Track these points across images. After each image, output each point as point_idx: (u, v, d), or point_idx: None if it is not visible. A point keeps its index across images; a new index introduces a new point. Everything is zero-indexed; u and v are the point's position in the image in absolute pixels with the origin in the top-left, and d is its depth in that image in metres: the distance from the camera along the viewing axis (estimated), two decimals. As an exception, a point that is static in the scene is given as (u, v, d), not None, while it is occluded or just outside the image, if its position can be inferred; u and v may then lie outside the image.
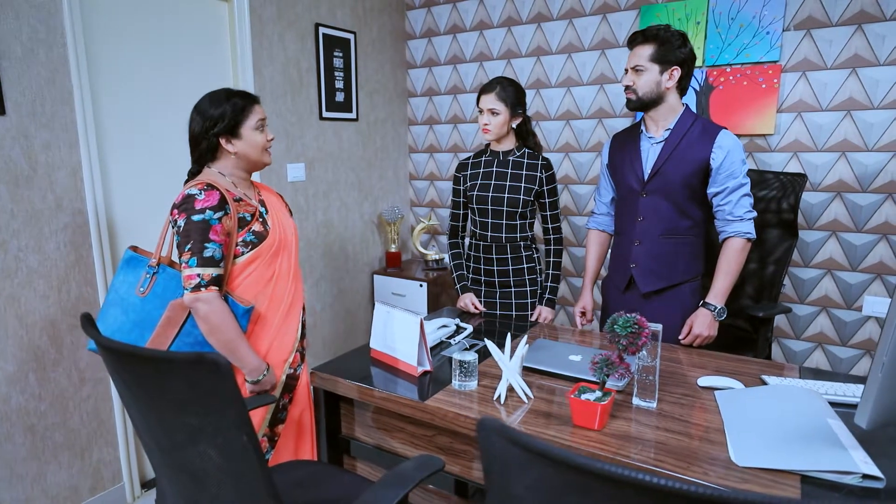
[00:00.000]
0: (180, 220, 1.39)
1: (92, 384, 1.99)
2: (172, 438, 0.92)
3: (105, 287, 1.98)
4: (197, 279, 1.37)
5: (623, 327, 1.19)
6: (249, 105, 1.49)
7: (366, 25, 3.11)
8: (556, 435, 1.18)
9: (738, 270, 1.70)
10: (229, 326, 1.39)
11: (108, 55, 1.98)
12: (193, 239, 1.37)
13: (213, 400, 0.81)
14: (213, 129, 1.45)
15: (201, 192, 1.40)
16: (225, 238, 1.42)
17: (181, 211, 1.39)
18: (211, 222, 1.39)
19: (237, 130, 1.47)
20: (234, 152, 1.49)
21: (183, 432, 0.89)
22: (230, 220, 1.43)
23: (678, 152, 1.68)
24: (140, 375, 0.88)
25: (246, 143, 1.49)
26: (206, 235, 1.38)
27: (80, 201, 1.90)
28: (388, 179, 3.41)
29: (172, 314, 1.42)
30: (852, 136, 2.35)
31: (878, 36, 2.25)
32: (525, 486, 0.64)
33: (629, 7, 2.73)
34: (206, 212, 1.39)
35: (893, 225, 2.32)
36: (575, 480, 0.58)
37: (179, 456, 0.93)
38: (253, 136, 1.50)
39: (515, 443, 0.61)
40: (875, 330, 2.42)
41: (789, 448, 1.07)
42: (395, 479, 1.05)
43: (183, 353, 0.78)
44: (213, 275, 1.38)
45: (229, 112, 1.45)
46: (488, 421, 0.64)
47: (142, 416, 0.96)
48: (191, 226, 1.38)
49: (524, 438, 0.59)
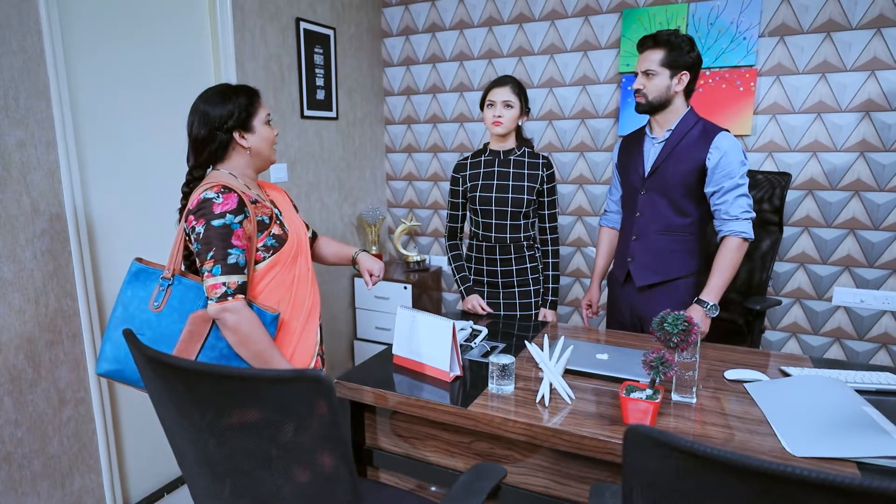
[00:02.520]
0: (199, 226, 1.29)
1: (73, 405, 1.81)
2: (238, 463, 0.85)
3: (86, 298, 1.81)
4: (223, 288, 1.27)
5: (673, 325, 1.20)
6: (256, 98, 1.42)
7: (344, 22, 3.02)
8: (611, 434, 1.17)
9: (733, 269, 1.72)
10: (260, 336, 1.30)
11: (86, 45, 1.82)
12: (216, 246, 1.28)
13: (308, 418, 0.75)
14: (227, 124, 1.36)
15: (219, 196, 1.30)
16: (246, 243, 1.33)
17: (199, 217, 1.29)
18: (232, 227, 1.29)
19: (249, 124, 1.39)
20: (248, 147, 1.40)
21: (256, 456, 0.82)
22: (250, 223, 1.34)
23: (677, 152, 1.73)
24: (207, 397, 0.80)
25: (259, 138, 1.41)
26: (228, 241, 1.28)
27: (58, 205, 1.73)
28: (366, 180, 3.33)
29: (194, 327, 1.31)
30: (822, 137, 2.50)
31: (846, 43, 2.40)
32: (681, 492, 0.62)
33: (611, 10, 2.79)
34: (227, 216, 1.29)
35: (860, 220, 2.49)
36: (756, 486, 0.56)
37: (244, 482, 0.85)
38: (264, 130, 1.42)
39: (679, 449, 0.59)
40: (844, 319, 2.58)
41: (839, 436, 1.11)
42: (465, 493, 1.02)
43: (280, 371, 0.71)
44: (238, 282, 1.29)
45: (243, 104, 1.37)
46: (641, 428, 0.62)
47: (194, 442, 0.87)
48: (211, 232, 1.28)
49: (700, 446, 0.57)
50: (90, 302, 1.83)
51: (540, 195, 2.00)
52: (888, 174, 2.42)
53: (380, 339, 3.24)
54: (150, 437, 2.12)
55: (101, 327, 1.90)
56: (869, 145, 2.43)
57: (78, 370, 1.82)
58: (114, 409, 1.97)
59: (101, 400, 1.88)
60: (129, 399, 2.03)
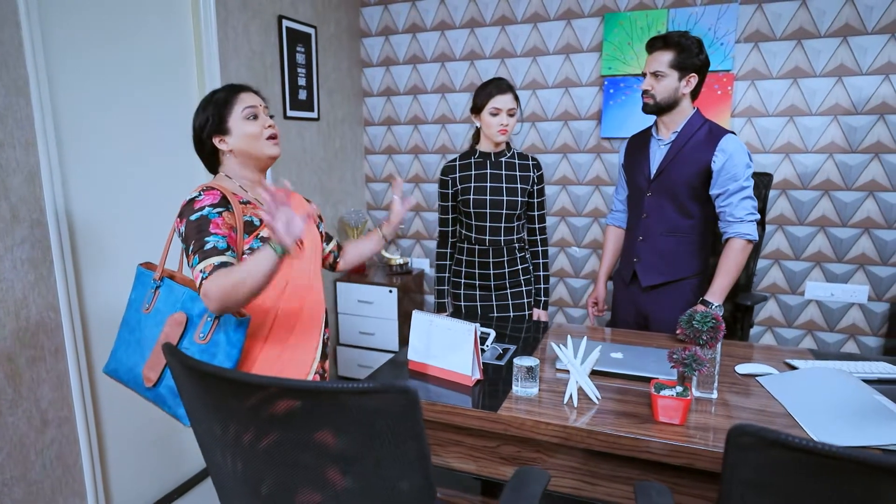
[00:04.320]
0: (181, 226, 1.24)
1: (56, 426, 1.69)
2: (293, 484, 0.80)
3: (69, 310, 1.69)
4: (200, 276, 1.16)
5: (702, 322, 1.23)
6: (232, 95, 1.34)
7: (325, 21, 2.95)
8: (645, 433, 1.18)
9: (737, 270, 1.76)
10: (233, 273, 1.14)
11: (67, 39, 1.70)
12: (194, 238, 1.21)
13: (390, 432, 0.71)
14: (203, 133, 1.33)
15: (200, 194, 1.27)
16: (228, 231, 1.24)
17: (182, 217, 1.25)
18: (210, 216, 1.23)
19: (224, 126, 1.33)
20: (229, 150, 1.34)
21: (320, 470, 0.78)
22: (232, 217, 1.27)
23: (683, 154, 1.77)
24: (267, 415, 0.75)
25: (237, 137, 1.33)
26: (206, 230, 1.21)
27: (39, 211, 1.61)
28: (346, 182, 3.27)
29: (169, 329, 1.25)
30: (794, 139, 2.63)
31: (815, 50, 2.53)
32: (789, 490, 0.63)
33: (593, 14, 2.84)
34: (205, 209, 1.23)
35: (829, 218, 2.63)
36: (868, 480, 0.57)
37: (308, 499, 0.81)
38: (242, 126, 1.32)
39: (792, 447, 0.60)
40: (815, 312, 2.72)
41: (860, 425, 1.16)
42: (519, 499, 1.00)
43: (364, 384, 0.67)
44: (214, 263, 1.16)
45: (212, 109, 1.33)
46: (748, 427, 0.62)
47: (244, 463, 0.82)
48: (190, 226, 1.22)
49: (817, 444, 0.58)
50: (73, 314, 1.71)
51: (530, 196, 2.01)
52: (854, 174, 2.56)
53: (363, 344, 3.18)
54: (135, 455, 2.00)
55: (85, 341, 1.78)
56: (837, 147, 2.57)
57: (61, 388, 1.70)
58: (98, 427, 1.85)
59: (85, 419, 1.76)
60: (113, 416, 1.91)
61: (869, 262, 2.60)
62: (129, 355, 1.29)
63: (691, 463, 1.14)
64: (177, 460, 2.19)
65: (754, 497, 0.65)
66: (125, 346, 1.30)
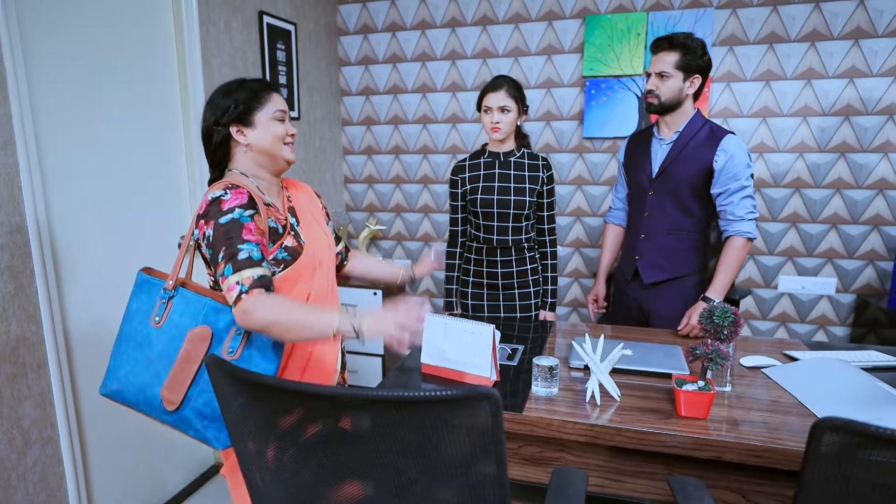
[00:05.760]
0: (208, 229, 1.14)
1: (39, 446, 1.57)
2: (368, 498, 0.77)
3: (52, 323, 1.58)
4: (237, 288, 1.09)
5: (722, 317, 1.25)
6: (265, 92, 1.27)
7: (304, 17, 2.88)
8: (673, 428, 1.20)
9: (737, 267, 1.81)
10: (288, 314, 1.08)
11: (44, 33, 1.58)
12: (224, 244, 1.12)
13: (464, 442, 0.69)
14: (223, 117, 1.23)
15: (226, 192, 1.16)
16: (261, 238, 1.17)
17: (208, 219, 1.15)
18: (242, 220, 1.14)
19: (249, 118, 1.24)
20: (246, 144, 1.25)
21: (389, 485, 0.75)
22: (262, 221, 1.20)
23: (685, 154, 1.81)
24: (338, 428, 0.72)
25: (259, 133, 1.25)
26: (238, 236, 1.13)
27: (18, 216, 1.49)
28: (326, 183, 3.20)
29: (191, 346, 1.15)
30: (767, 139, 2.74)
31: (786, 55, 2.64)
32: (871, 483, 0.64)
33: (574, 15, 2.87)
34: (235, 210, 1.15)
35: (800, 215, 2.75)
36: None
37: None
38: (269, 125, 1.26)
39: (881, 438, 0.61)
40: (788, 304, 2.85)
41: (875, 413, 1.21)
42: (566, 501, 0.99)
43: (447, 392, 0.65)
44: (254, 276, 1.11)
45: (243, 97, 1.23)
46: (836, 420, 0.64)
47: (307, 479, 0.78)
48: (219, 230, 1.13)
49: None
50: (56, 327, 1.60)
51: (539, 196, 2.01)
52: (823, 172, 2.69)
53: (347, 347, 3.12)
54: (121, 476, 1.89)
55: (68, 355, 1.66)
56: (807, 147, 2.69)
57: (44, 406, 1.58)
58: (83, 448, 1.73)
59: (69, 438, 1.65)
60: (98, 435, 1.79)
61: (836, 255, 2.74)
62: (136, 374, 1.17)
63: (719, 456, 1.17)
64: (163, 480, 2.08)
65: (836, 489, 0.66)
66: (131, 364, 1.18)
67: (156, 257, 2.00)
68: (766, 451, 1.12)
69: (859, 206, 2.67)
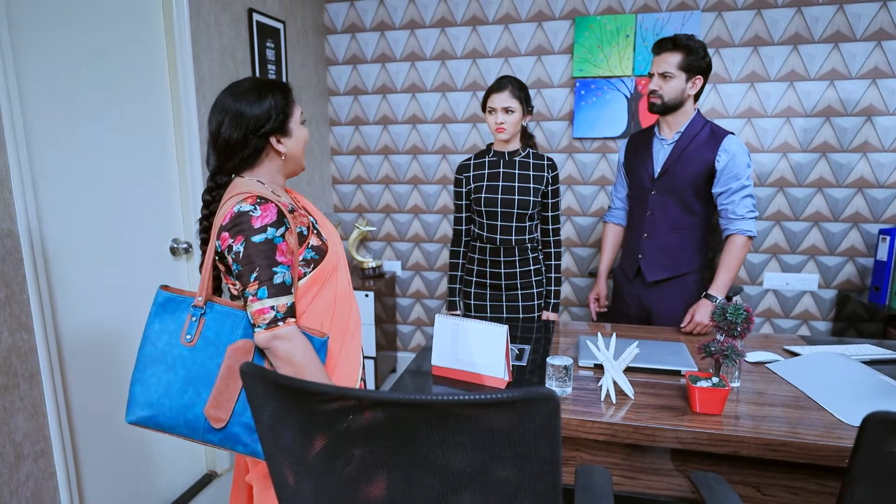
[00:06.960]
0: (237, 244, 1.12)
1: (31, 460, 1.50)
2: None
3: (44, 331, 1.51)
4: (271, 313, 1.12)
5: (735, 314, 1.27)
6: (290, 95, 1.25)
7: (293, 15, 2.83)
8: (689, 424, 1.21)
9: (739, 265, 1.84)
10: (316, 365, 1.16)
11: (34, 31, 1.51)
12: (259, 265, 1.12)
13: (520, 444, 0.68)
14: (263, 127, 1.19)
15: (256, 208, 1.13)
16: (290, 258, 1.18)
17: (236, 233, 1.12)
18: (275, 241, 1.14)
19: (286, 127, 1.23)
20: (283, 153, 1.24)
21: (442, 490, 0.73)
22: (292, 236, 1.19)
23: (686, 154, 1.83)
24: (393, 432, 0.70)
25: (295, 141, 1.25)
26: (272, 258, 1.13)
27: (9, 220, 1.42)
28: (314, 184, 3.15)
29: (233, 361, 1.13)
30: (752, 139, 2.80)
31: (769, 57, 2.71)
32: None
33: (563, 17, 2.90)
34: (268, 230, 1.13)
35: (785, 213, 2.83)
36: None
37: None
38: (300, 131, 1.27)
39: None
40: (773, 300, 2.92)
41: (879, 403, 1.25)
42: (595, 500, 0.99)
43: (507, 394, 0.64)
44: (288, 304, 1.14)
45: (280, 103, 1.20)
46: (888, 413, 0.65)
47: (358, 488, 0.76)
48: (252, 249, 1.12)
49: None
50: (49, 335, 1.53)
51: (545, 196, 2.01)
52: (805, 172, 2.77)
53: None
54: (114, 488, 1.82)
55: (61, 364, 1.60)
56: (790, 147, 2.77)
57: (37, 417, 1.51)
58: (76, 461, 1.67)
59: (63, 451, 1.58)
60: (91, 448, 1.73)
61: (818, 252, 2.82)
62: (173, 397, 1.13)
63: (736, 451, 1.18)
64: (158, 491, 2.01)
65: (886, 483, 0.68)
66: (163, 387, 1.13)
67: (148, 262, 1.94)
68: (784, 445, 1.15)
69: (840, 204, 2.75)
